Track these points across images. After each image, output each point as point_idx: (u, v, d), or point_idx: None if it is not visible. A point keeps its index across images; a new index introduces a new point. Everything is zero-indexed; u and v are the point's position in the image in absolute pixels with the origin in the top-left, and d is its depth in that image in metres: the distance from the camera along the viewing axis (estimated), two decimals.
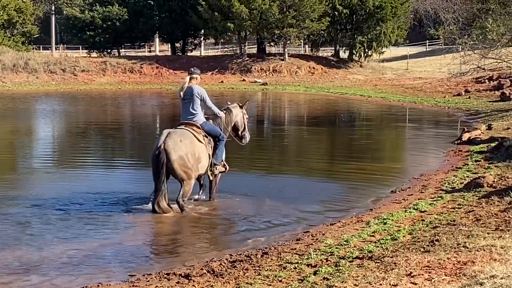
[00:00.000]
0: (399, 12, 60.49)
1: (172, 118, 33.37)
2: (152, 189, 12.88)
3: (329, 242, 10.17)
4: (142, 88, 52.94)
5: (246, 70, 58.48)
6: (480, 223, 10.16)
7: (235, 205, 13.64)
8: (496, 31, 28.41)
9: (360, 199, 14.20)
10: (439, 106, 35.57)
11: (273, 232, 11.57)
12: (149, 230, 11.85)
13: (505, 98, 33.96)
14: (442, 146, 21.35)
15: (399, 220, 11.37)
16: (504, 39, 29.31)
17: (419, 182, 15.42)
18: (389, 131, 27.61)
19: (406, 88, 45.93)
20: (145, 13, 63.94)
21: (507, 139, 18.30)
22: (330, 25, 59.90)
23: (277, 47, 70.14)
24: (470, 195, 12.71)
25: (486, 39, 29.29)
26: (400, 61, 67.99)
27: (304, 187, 15.30)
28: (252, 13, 56.43)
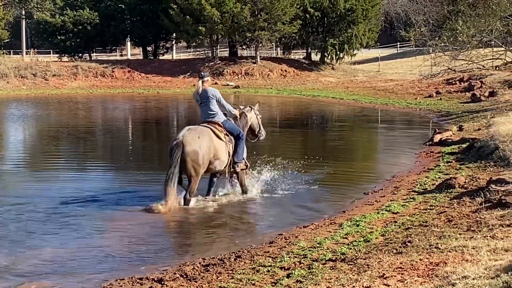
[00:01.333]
0: (370, 14, 60.78)
1: (144, 121, 33.33)
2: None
3: (302, 244, 10.17)
4: (114, 92, 52.73)
5: (218, 73, 58.43)
6: (452, 224, 10.21)
7: (210, 208, 13.61)
8: (466, 33, 28.61)
9: (333, 201, 14.23)
10: (411, 107, 35.74)
11: (246, 235, 11.56)
12: (123, 233, 11.76)
13: (475, 99, 34.19)
14: (414, 147, 21.45)
15: (371, 221, 11.40)
16: (474, 40, 29.52)
17: (392, 183, 15.48)
18: (361, 133, 27.70)
19: (378, 90, 46.13)
20: (116, 17, 63.73)
21: (478, 140, 18.42)
22: (302, 28, 60.05)
23: (249, 50, 70.14)
24: (441, 196, 12.77)
25: (457, 41, 29.49)
26: (371, 63, 68.28)
27: (277, 191, 15.28)
28: (224, 16, 56.41)
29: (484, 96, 34.33)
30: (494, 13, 29.08)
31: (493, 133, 18.29)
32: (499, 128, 18.56)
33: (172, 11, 56.92)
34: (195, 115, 36.78)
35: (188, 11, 56.64)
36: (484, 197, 11.41)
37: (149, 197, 14.43)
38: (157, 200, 13.69)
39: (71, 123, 31.88)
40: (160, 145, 24.87)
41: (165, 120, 34.32)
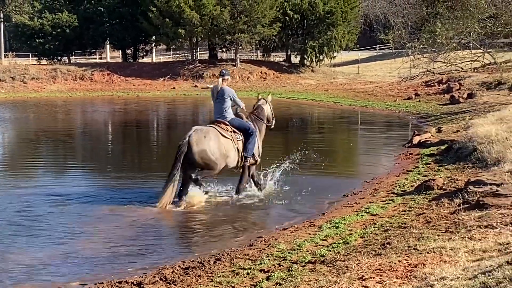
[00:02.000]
0: (349, 17, 60.94)
1: (124, 124, 33.25)
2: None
3: (281, 247, 10.19)
4: (93, 95, 52.53)
5: (198, 76, 58.39)
6: (431, 225, 10.26)
7: (189, 211, 13.61)
8: (444, 35, 28.77)
9: (312, 203, 14.26)
10: (390, 109, 35.86)
11: (226, 238, 11.57)
12: (102, 236, 11.72)
13: (454, 101, 34.36)
14: (393, 149, 21.54)
15: (351, 223, 11.44)
16: (453, 43, 29.70)
17: (371, 185, 15.54)
18: (341, 136, 27.77)
19: (358, 92, 46.26)
20: (95, 20, 63.49)
21: (457, 142, 18.51)
22: (282, 30, 60.13)
23: (229, 53, 70.13)
24: (420, 197, 12.83)
25: (435, 43, 29.66)
26: (351, 65, 68.49)
27: (257, 192, 15.29)
28: (203, 19, 56.36)
29: (463, 98, 34.51)
30: (472, 15, 29.30)
31: (471, 134, 18.38)
32: (477, 129, 18.65)
33: (151, 13, 56.79)
34: (175, 117, 36.83)
35: (167, 13, 56.54)
36: (462, 198, 11.48)
37: (128, 200, 14.43)
38: (136, 201, 13.69)
39: (50, 126, 31.72)
40: (139, 148, 24.85)
41: (145, 123, 34.24)
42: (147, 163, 20.85)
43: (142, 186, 16.15)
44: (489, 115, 22.93)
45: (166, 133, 30.45)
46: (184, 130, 30.99)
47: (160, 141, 27.67)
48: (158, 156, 22.64)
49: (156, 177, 17.44)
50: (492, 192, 11.06)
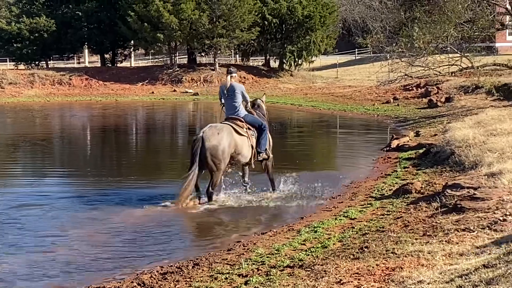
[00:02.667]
0: (327, 21, 61.03)
1: (102, 129, 33.14)
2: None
3: (260, 251, 10.19)
4: (71, 100, 52.28)
5: (177, 81, 58.29)
6: (408, 229, 10.30)
7: (168, 215, 13.58)
8: (422, 39, 28.89)
9: (291, 207, 14.27)
10: (369, 113, 35.98)
11: (205, 243, 11.57)
12: (80, 241, 11.67)
13: (432, 105, 34.53)
14: (372, 153, 21.61)
15: (329, 228, 11.47)
16: (430, 47, 29.82)
17: (349, 189, 15.59)
18: (320, 139, 27.84)
19: (336, 97, 46.35)
20: (73, 24, 63.18)
21: (435, 146, 18.61)
22: (260, 35, 60.13)
23: (208, 57, 70.01)
24: (398, 201, 12.89)
25: (413, 47, 29.77)
26: (330, 69, 68.58)
27: (236, 197, 15.28)
28: (182, 23, 56.28)
29: (441, 102, 34.70)
30: (450, 20, 29.43)
31: (449, 138, 18.49)
32: (455, 133, 18.77)
33: (129, 18, 56.62)
34: (154, 121, 36.75)
35: (146, 18, 56.41)
36: (440, 202, 11.54)
37: (107, 204, 14.40)
38: (115, 206, 13.66)
39: (27, 131, 31.55)
40: (118, 152, 24.78)
41: (124, 128, 34.15)
42: (126, 167, 20.79)
43: (121, 191, 16.10)
44: (466, 119, 23.07)
45: (145, 138, 30.37)
46: (163, 134, 31.12)
47: (139, 146, 27.60)
48: (137, 161, 22.58)
49: (134, 181, 17.43)
50: (469, 196, 11.13)
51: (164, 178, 18.27)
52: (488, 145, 15.79)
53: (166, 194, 15.37)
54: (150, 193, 15.67)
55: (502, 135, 17.07)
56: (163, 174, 19.23)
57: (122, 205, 14.41)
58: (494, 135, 17.28)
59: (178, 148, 26.48)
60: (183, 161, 22.32)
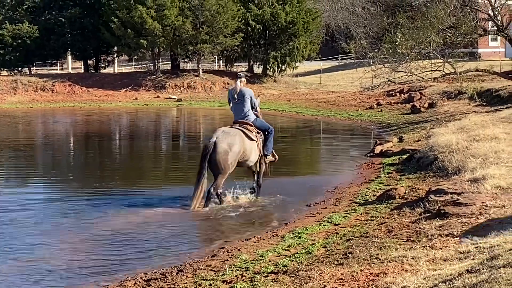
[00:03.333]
0: (311, 27, 61.14)
1: (86, 135, 33.03)
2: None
3: (244, 257, 10.18)
4: (54, 106, 52.09)
5: (161, 87, 58.22)
6: (392, 234, 10.32)
7: (152, 221, 13.54)
8: (405, 45, 29.00)
9: (275, 213, 14.28)
10: (352, 119, 36.05)
11: (189, 249, 11.53)
12: (63, 248, 11.60)
13: (415, 110, 34.65)
14: (355, 159, 21.65)
15: (313, 233, 11.46)
16: (413, 52, 29.93)
17: (333, 195, 15.59)
18: (304, 145, 27.86)
19: (320, 102, 46.42)
20: (56, 31, 63.02)
21: (418, 151, 18.65)
22: (244, 41, 60.16)
23: (191, 63, 69.99)
24: (382, 207, 12.91)
25: (396, 53, 29.88)
26: (313, 75, 68.70)
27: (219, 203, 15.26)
28: (165, 29, 56.24)
29: (424, 107, 34.83)
30: (432, 26, 29.57)
31: (432, 144, 18.54)
32: (438, 139, 18.82)
33: (113, 24, 56.53)
34: (138, 128, 36.69)
35: (129, 24, 56.33)
36: (423, 207, 11.56)
37: (90, 211, 14.35)
38: (98, 213, 13.61)
39: (10, 137, 31.40)
40: (101, 159, 24.70)
41: (107, 134, 34.04)
42: (109, 173, 20.73)
43: (105, 198, 16.04)
44: (449, 124, 23.15)
45: (129, 144, 30.29)
46: (146, 140, 31.05)
47: (122, 152, 27.53)
48: (121, 167, 22.52)
49: (118, 188, 17.38)
50: (452, 201, 11.17)
51: (147, 185, 18.21)
52: (471, 151, 15.85)
53: (149, 201, 15.36)
54: (133, 200, 15.65)
55: (485, 140, 17.13)
56: (146, 181, 19.17)
57: (105, 212, 14.36)
58: (477, 140, 17.35)
59: (161, 155, 26.43)
60: (167, 167, 22.41)
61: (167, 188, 17.64)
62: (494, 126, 19.64)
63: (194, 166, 21.79)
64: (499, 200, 10.93)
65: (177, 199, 15.46)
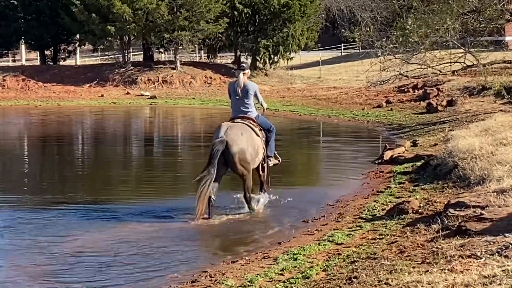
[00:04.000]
0: (308, 11, 61.14)
1: (43, 137, 32.96)
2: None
3: (230, 283, 10.18)
4: (5, 104, 51.87)
5: (131, 82, 58.15)
6: (405, 255, 10.32)
7: (120, 239, 13.51)
8: (417, 32, 28.96)
9: (266, 230, 14.27)
10: (357, 120, 36.10)
11: (165, 272, 11.50)
12: (17, 268, 11.59)
13: (431, 109, 34.69)
14: (361, 166, 21.69)
15: (311, 254, 11.47)
16: (428, 41, 29.90)
17: (335, 209, 15.61)
18: (300, 150, 27.90)
19: (319, 100, 46.46)
20: (7, 15, 62.83)
21: (435, 157, 18.69)
22: (229, 27, 60.11)
23: (168, 54, 70.02)
24: (393, 223, 12.92)
25: (408, 42, 29.86)
26: (311, 68, 68.85)
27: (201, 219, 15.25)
28: (137, 14, 56.17)
29: (442, 106, 34.88)
30: (451, 9, 29.55)
31: (451, 149, 18.57)
32: (458, 143, 18.85)
33: (74, 8, 56.41)
34: (104, 130, 36.63)
35: (94, 7, 56.24)
36: (441, 223, 11.57)
37: (45, 227, 14.32)
38: (53, 228, 13.63)
39: None
40: (60, 165, 24.66)
41: (68, 137, 33.99)
42: (70, 183, 20.70)
43: (64, 210, 16.00)
44: (472, 126, 23.20)
45: (93, 149, 30.26)
46: (114, 144, 31.00)
47: (85, 158, 27.49)
48: (83, 175, 22.48)
49: (79, 199, 17.36)
50: (475, 216, 11.17)
51: (115, 197, 18.17)
52: (497, 157, 15.87)
53: (117, 215, 15.34)
54: (97, 214, 15.63)
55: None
56: (113, 193, 19.12)
57: (64, 226, 14.35)
58: (505, 144, 17.38)
59: (131, 161, 26.41)
60: (137, 174, 22.40)
61: (137, 200, 17.56)
62: None
63: (169, 175, 21.83)
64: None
65: (149, 213, 15.43)
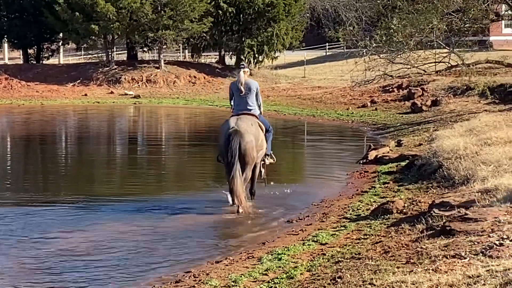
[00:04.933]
0: (293, 10, 61.13)
1: (26, 137, 32.86)
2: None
3: (214, 283, 10.17)
4: None
5: (115, 81, 57.96)
6: (389, 255, 10.34)
7: (103, 239, 13.47)
8: (402, 32, 29.01)
9: (250, 230, 14.26)
10: (342, 119, 36.13)
11: (148, 272, 11.48)
12: None
13: (416, 109, 34.77)
14: (346, 166, 21.71)
15: (296, 254, 11.47)
16: (413, 41, 29.96)
17: (320, 209, 15.61)
18: (285, 150, 27.85)
19: (304, 99, 46.48)
20: None
21: (419, 157, 18.73)
22: (214, 27, 60.04)
23: (152, 53, 69.92)
24: (377, 223, 12.94)
25: (392, 42, 29.91)
26: (296, 67, 68.79)
27: (185, 218, 15.22)
28: (121, 13, 56.03)
29: (426, 106, 34.95)
30: (436, 9, 29.62)
31: (436, 148, 18.62)
32: (443, 142, 18.90)
33: (58, 6, 56.20)
34: (87, 129, 36.54)
35: (77, 6, 56.05)
36: (425, 223, 11.58)
37: (29, 225, 14.27)
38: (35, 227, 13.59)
39: None
40: (43, 166, 24.59)
41: (51, 137, 33.89)
42: (53, 182, 20.64)
43: (47, 210, 15.95)
44: (456, 126, 23.25)
45: (77, 149, 30.19)
46: (98, 144, 30.93)
47: (69, 158, 27.40)
48: (67, 175, 22.42)
49: (61, 200, 17.30)
50: (460, 216, 11.19)
51: (98, 197, 18.10)
52: (481, 157, 15.92)
53: (100, 214, 15.30)
54: (81, 212, 15.60)
55: (498, 144, 17.22)
56: (96, 192, 19.03)
57: (47, 225, 14.30)
58: (489, 144, 17.43)
59: (115, 160, 26.35)
60: (122, 174, 22.35)
61: (119, 199, 17.51)
62: (509, 128, 19.75)
63: (154, 174, 21.78)
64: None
65: (132, 212, 15.40)
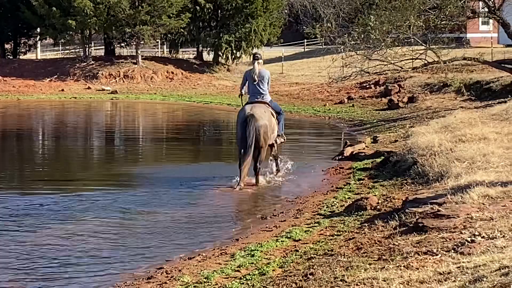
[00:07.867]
0: (271, 6, 61.18)
1: (3, 134, 32.73)
2: None
3: (186, 279, 10.14)
4: None
5: (92, 76, 57.81)
6: (361, 252, 10.34)
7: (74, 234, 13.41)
8: (379, 29, 29.06)
9: (223, 226, 14.23)
10: (319, 116, 36.18)
11: (118, 268, 11.43)
12: None
13: (393, 106, 34.86)
14: (321, 162, 21.69)
15: (269, 251, 11.45)
16: (390, 38, 30.01)
17: (294, 205, 15.60)
18: None
19: (281, 96, 46.43)
20: None
21: (394, 154, 18.77)
22: (191, 22, 59.97)
23: (129, 48, 69.68)
24: (351, 219, 12.94)
25: (369, 38, 29.94)
26: (274, 63, 68.75)
27: (156, 213, 15.16)
28: (98, 8, 55.88)
29: (403, 102, 35.07)
30: (413, 6, 29.67)
31: (411, 145, 18.66)
32: (418, 139, 18.94)
33: (35, 1, 56.00)
34: (64, 125, 36.40)
35: (54, 1, 55.85)
36: (399, 220, 11.59)
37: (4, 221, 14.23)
38: None
39: None
40: (20, 162, 24.49)
41: (27, 133, 33.73)
42: (30, 178, 20.55)
43: (24, 205, 15.89)
44: (432, 122, 23.32)
45: (53, 144, 30.07)
46: (75, 139, 30.81)
47: (45, 154, 27.28)
48: (43, 170, 22.32)
49: (37, 193, 17.22)
50: (432, 213, 11.20)
51: (73, 190, 18.01)
52: (456, 153, 15.96)
53: (72, 207, 15.23)
54: (59, 207, 15.54)
55: (472, 141, 17.28)
56: (72, 186, 18.94)
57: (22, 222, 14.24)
58: (463, 141, 17.49)
59: (92, 156, 26.27)
60: (98, 170, 22.27)
61: (94, 194, 17.39)
62: (484, 125, 19.84)
63: (129, 169, 21.72)
64: (486, 211, 10.98)
65: (105, 207, 15.35)
